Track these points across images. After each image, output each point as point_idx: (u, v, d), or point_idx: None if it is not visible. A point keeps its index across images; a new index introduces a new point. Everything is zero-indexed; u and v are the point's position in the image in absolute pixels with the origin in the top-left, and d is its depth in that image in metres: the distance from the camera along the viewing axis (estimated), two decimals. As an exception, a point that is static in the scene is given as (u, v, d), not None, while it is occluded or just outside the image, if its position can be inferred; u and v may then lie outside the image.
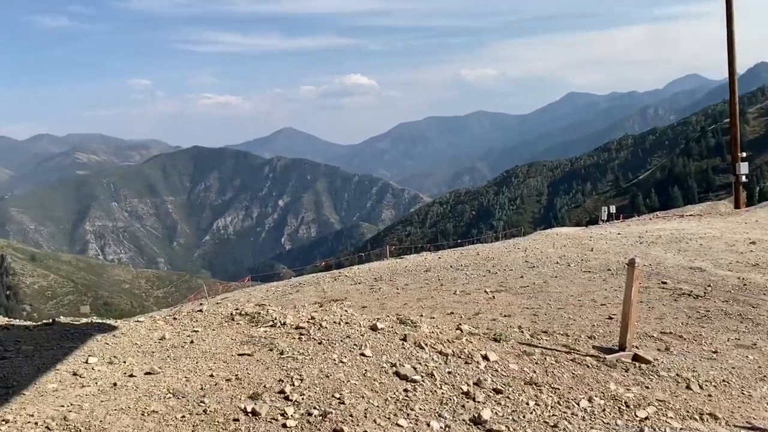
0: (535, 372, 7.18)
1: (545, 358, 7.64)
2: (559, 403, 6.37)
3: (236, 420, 5.49)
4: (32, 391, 6.08)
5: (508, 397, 6.45)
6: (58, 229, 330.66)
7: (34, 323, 8.88)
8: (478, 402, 6.20)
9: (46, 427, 5.26)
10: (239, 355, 7.25)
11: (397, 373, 6.58)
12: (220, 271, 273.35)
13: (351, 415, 5.72)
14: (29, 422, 5.34)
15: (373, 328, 7.99)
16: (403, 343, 7.51)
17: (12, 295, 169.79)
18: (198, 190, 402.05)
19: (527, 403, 6.31)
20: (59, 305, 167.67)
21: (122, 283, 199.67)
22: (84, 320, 9.08)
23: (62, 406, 5.72)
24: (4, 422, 5.34)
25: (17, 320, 9.80)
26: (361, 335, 7.74)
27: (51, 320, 8.99)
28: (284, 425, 5.48)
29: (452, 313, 11.13)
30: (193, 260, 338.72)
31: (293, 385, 6.20)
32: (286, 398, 5.93)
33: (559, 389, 6.67)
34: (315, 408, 5.71)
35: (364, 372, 6.59)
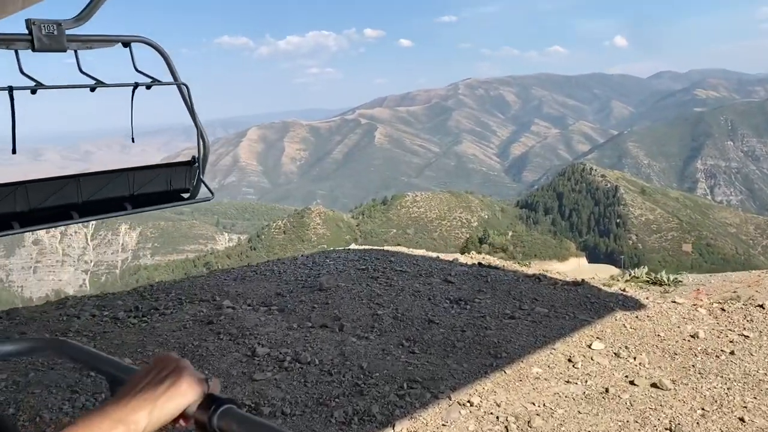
0: None
1: None
2: None
3: None
4: (514, 370, 5.30)
5: None
6: (670, 165, 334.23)
7: (563, 280, 8.23)
8: None
9: (505, 427, 4.38)
10: (800, 396, 4.81)
11: None
12: None
13: None
14: (491, 413, 4.55)
15: None
16: None
17: (621, 224, 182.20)
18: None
19: None
20: (662, 239, 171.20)
21: (728, 226, 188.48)
22: (613, 288, 7.90)
23: (533, 403, 4.73)
24: (468, 404, 4.71)
25: (551, 273, 9.39)
26: None
27: (580, 280, 8.18)
28: None
29: None
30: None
31: None
32: None
33: None
34: None
35: None
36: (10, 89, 2.12)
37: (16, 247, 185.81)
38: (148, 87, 2.49)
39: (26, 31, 2.18)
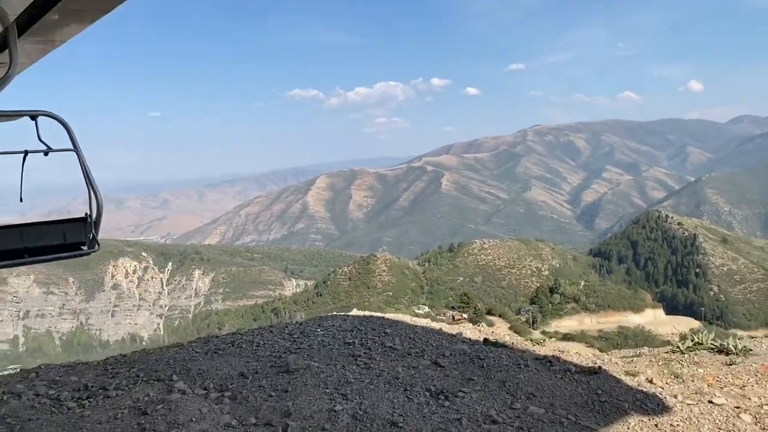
0: None
1: None
2: None
3: None
4: None
5: None
6: (753, 212, 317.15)
7: (579, 365, 6.76)
8: None
9: None
10: None
11: None
12: None
13: None
14: None
15: None
16: None
17: (701, 274, 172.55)
18: None
19: None
20: (747, 291, 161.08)
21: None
22: (637, 380, 6.40)
23: None
24: None
25: (568, 354, 7.80)
26: None
27: (597, 367, 6.74)
28: None
29: None
30: None
31: None
32: None
33: None
34: None
35: None
36: None
37: (96, 292, 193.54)
38: (46, 153, 2.99)
39: None
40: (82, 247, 3.08)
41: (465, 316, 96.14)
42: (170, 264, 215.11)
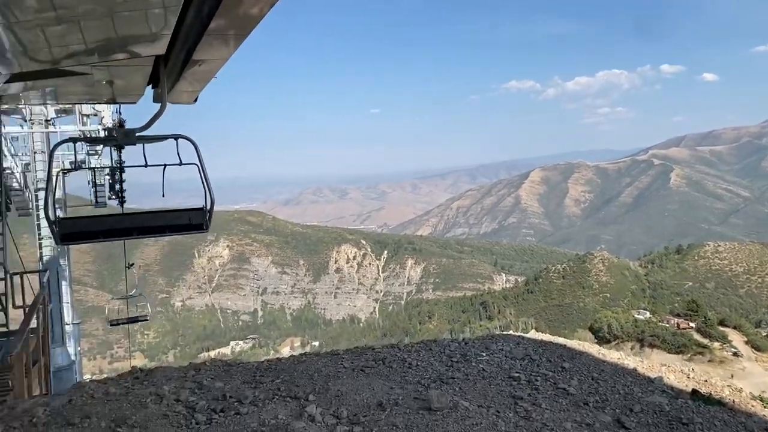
0: None
1: None
2: None
3: None
4: None
5: None
6: None
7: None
8: None
9: None
10: None
11: None
12: None
13: None
14: None
15: None
16: None
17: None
18: None
19: None
20: None
21: None
22: None
23: None
24: None
25: None
26: None
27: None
28: None
29: None
30: None
31: None
32: None
33: None
34: None
35: None
36: (118, 168, 12.86)
37: (322, 274, 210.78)
38: (180, 165, 4.81)
39: (114, 135, 5.13)
40: (201, 227, 4.92)
41: (692, 325, 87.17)
42: (386, 252, 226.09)
